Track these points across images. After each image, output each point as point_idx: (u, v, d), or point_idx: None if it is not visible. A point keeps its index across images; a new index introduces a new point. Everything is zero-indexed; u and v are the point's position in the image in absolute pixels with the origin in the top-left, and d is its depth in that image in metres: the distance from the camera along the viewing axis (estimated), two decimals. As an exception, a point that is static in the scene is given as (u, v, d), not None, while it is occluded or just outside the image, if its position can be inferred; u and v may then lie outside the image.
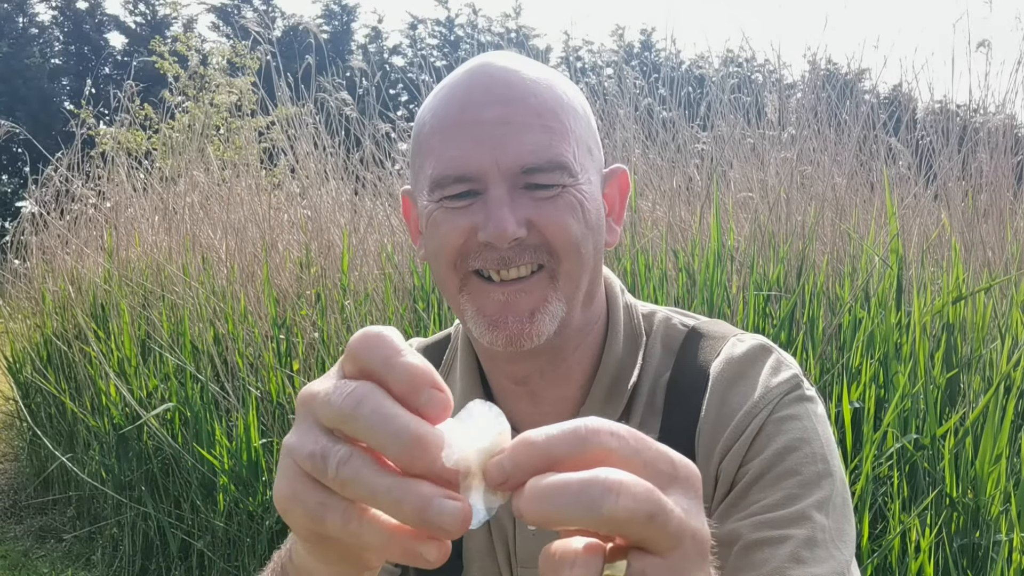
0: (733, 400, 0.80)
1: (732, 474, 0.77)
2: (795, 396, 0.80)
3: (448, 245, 0.78)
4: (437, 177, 0.78)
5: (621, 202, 0.89)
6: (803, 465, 0.75)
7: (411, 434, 0.38)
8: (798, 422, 0.78)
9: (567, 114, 0.79)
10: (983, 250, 2.94)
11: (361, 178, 4.09)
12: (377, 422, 0.38)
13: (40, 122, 11.30)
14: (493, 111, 0.76)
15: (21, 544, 3.73)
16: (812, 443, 0.77)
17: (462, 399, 0.87)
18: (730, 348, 0.84)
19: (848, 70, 4.45)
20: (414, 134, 0.84)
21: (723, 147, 3.64)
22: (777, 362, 0.83)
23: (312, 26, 10.92)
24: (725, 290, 2.66)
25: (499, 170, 0.76)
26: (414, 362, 0.40)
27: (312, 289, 3.30)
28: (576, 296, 0.80)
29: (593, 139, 0.83)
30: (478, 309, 0.79)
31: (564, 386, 0.85)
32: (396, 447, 0.38)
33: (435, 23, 22.77)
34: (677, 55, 5.22)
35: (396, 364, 0.40)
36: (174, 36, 6.55)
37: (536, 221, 0.76)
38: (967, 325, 2.48)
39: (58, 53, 17.48)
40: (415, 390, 0.39)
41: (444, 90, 0.81)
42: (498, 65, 0.80)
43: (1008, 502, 2.05)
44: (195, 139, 4.82)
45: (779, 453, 0.76)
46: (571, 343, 0.84)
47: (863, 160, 3.61)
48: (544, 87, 0.79)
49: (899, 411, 2.12)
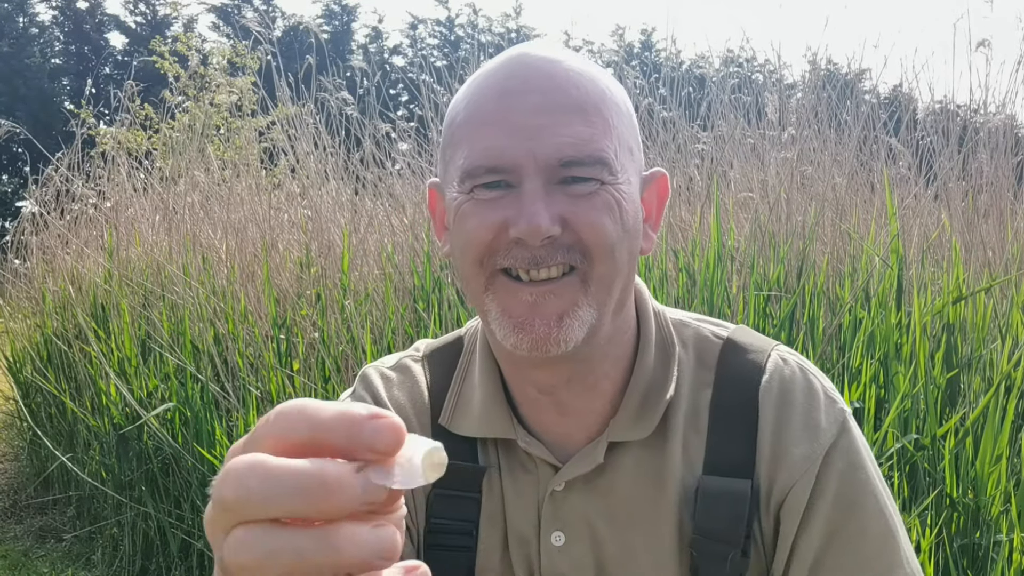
0: (787, 435, 0.78)
1: (795, 523, 0.77)
2: (844, 431, 0.79)
3: (476, 240, 0.74)
4: (469, 167, 0.73)
5: (659, 208, 0.84)
6: (873, 521, 0.76)
7: (311, 480, 0.33)
8: (853, 472, 0.78)
9: (610, 109, 0.75)
10: (983, 250, 2.94)
11: (361, 178, 4.09)
12: (268, 489, 0.33)
13: (40, 122, 11.30)
14: (532, 101, 0.72)
15: (21, 544, 3.73)
16: (875, 490, 0.78)
17: (482, 407, 0.84)
18: (774, 368, 0.82)
19: (848, 70, 4.45)
20: (446, 124, 0.80)
21: (723, 147, 3.64)
22: (821, 390, 0.81)
23: (312, 26, 10.91)
24: (725, 290, 2.65)
25: (535, 162, 0.71)
26: (340, 408, 0.35)
27: (312, 289, 3.30)
28: (608, 303, 0.76)
29: (635, 139, 0.79)
30: (504, 310, 0.74)
31: (592, 398, 0.81)
32: (298, 502, 0.33)
33: (435, 23, 22.77)
34: (677, 55, 5.22)
35: (323, 419, 0.35)
36: (174, 36, 6.55)
37: (571, 219, 0.72)
38: (967, 325, 2.48)
39: (58, 53, 17.48)
40: (354, 431, 0.34)
41: (480, 78, 0.77)
42: (539, 55, 0.75)
43: (1008, 502, 2.05)
44: (195, 139, 4.82)
45: (845, 508, 0.76)
46: (600, 352, 0.79)
47: (863, 160, 3.61)
48: (587, 79, 0.74)
49: (899, 411, 2.12)
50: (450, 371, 0.89)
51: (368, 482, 0.35)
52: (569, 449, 0.82)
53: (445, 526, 0.82)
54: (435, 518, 0.82)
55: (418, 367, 0.91)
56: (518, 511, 0.82)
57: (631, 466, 0.80)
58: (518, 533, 0.82)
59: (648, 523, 0.79)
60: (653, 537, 0.79)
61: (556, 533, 0.81)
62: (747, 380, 0.81)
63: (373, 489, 0.35)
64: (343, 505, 0.34)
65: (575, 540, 0.80)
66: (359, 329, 2.96)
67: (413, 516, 0.83)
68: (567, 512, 0.81)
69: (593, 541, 0.80)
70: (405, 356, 0.93)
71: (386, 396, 0.87)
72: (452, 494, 0.82)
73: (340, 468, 0.34)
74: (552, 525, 0.81)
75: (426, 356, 0.92)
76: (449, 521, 0.82)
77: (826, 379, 0.84)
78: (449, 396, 0.87)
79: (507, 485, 0.83)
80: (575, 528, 0.80)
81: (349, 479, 0.34)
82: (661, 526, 0.79)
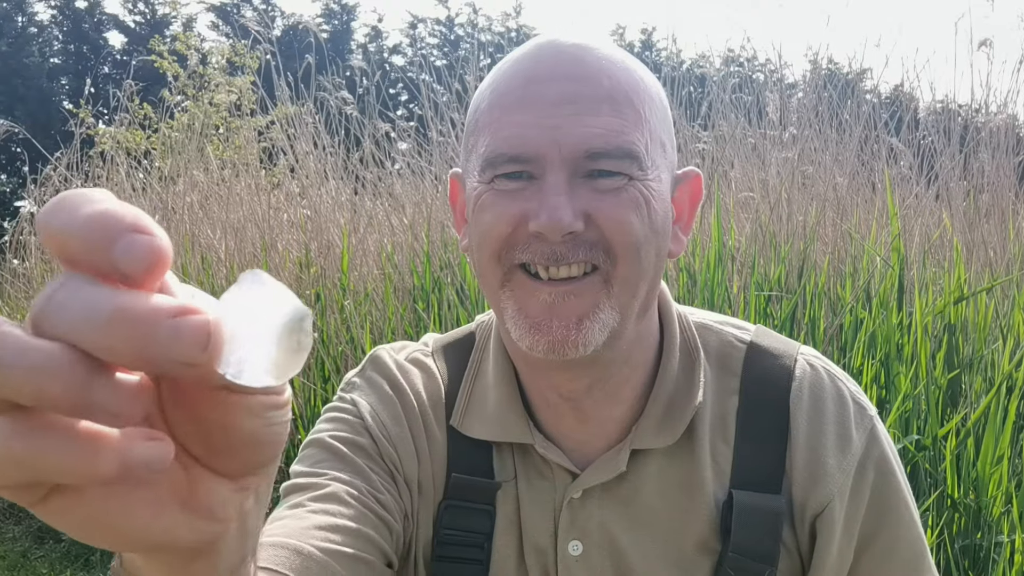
0: (822, 447, 0.76)
1: (832, 534, 0.76)
2: (874, 440, 0.79)
3: (494, 233, 0.70)
4: (490, 156, 0.70)
5: (691, 209, 0.79)
6: (906, 530, 0.78)
7: (110, 310, 0.27)
8: (884, 479, 0.78)
9: (643, 101, 0.70)
10: (985, 250, 2.93)
11: (361, 178, 4.08)
12: (57, 316, 0.27)
13: (39, 121, 11.29)
14: (559, 88, 0.68)
15: (20, 544, 3.72)
16: (905, 497, 0.78)
17: (497, 410, 0.80)
18: (802, 374, 0.79)
19: (849, 69, 4.45)
20: (470, 111, 0.76)
21: (724, 147, 3.63)
22: (850, 396, 0.80)
23: (312, 25, 10.92)
24: (726, 290, 2.65)
25: (560, 153, 0.67)
26: (96, 209, 0.28)
27: (312, 289, 3.29)
28: (631, 305, 0.71)
29: (668, 134, 0.75)
30: (520, 308, 0.70)
31: (614, 404, 0.78)
32: (95, 334, 0.27)
33: (435, 22, 22.75)
34: (678, 55, 5.21)
35: (73, 224, 0.27)
36: (173, 35, 6.54)
37: (595, 215, 0.68)
38: (969, 326, 2.47)
39: (57, 52, 17.46)
40: (104, 241, 0.27)
41: (507, 64, 0.73)
42: (570, 41, 0.71)
43: (1010, 503, 2.04)
44: (194, 139, 4.81)
45: (880, 517, 0.77)
46: (622, 356, 0.76)
47: (864, 160, 3.60)
48: (620, 68, 0.70)
49: (900, 412, 2.11)
50: (461, 369, 0.84)
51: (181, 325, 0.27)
52: (587, 455, 0.79)
53: (455, 538, 0.78)
54: (445, 529, 0.79)
55: (431, 362, 0.86)
56: (534, 519, 0.79)
57: (654, 474, 0.77)
58: (534, 542, 0.79)
59: (673, 533, 0.77)
60: (677, 548, 0.77)
61: (574, 542, 0.78)
62: (775, 387, 0.78)
63: (191, 334, 0.27)
64: (144, 346, 0.27)
65: (593, 549, 0.78)
66: (358, 329, 2.95)
67: (415, 523, 0.79)
68: (585, 520, 0.78)
69: (612, 550, 0.78)
70: (416, 350, 0.88)
71: (405, 382, 0.83)
72: (464, 506, 0.79)
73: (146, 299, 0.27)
74: (569, 534, 0.78)
75: (436, 352, 0.87)
76: (460, 533, 0.78)
77: (852, 382, 0.82)
78: (460, 396, 0.82)
79: (523, 492, 0.79)
80: (593, 537, 0.78)
81: (155, 314, 0.27)
82: (687, 537, 0.77)
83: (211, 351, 0.28)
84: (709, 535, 0.76)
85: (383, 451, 0.78)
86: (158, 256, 0.28)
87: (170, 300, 0.28)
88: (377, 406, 0.80)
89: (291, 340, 0.28)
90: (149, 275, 0.28)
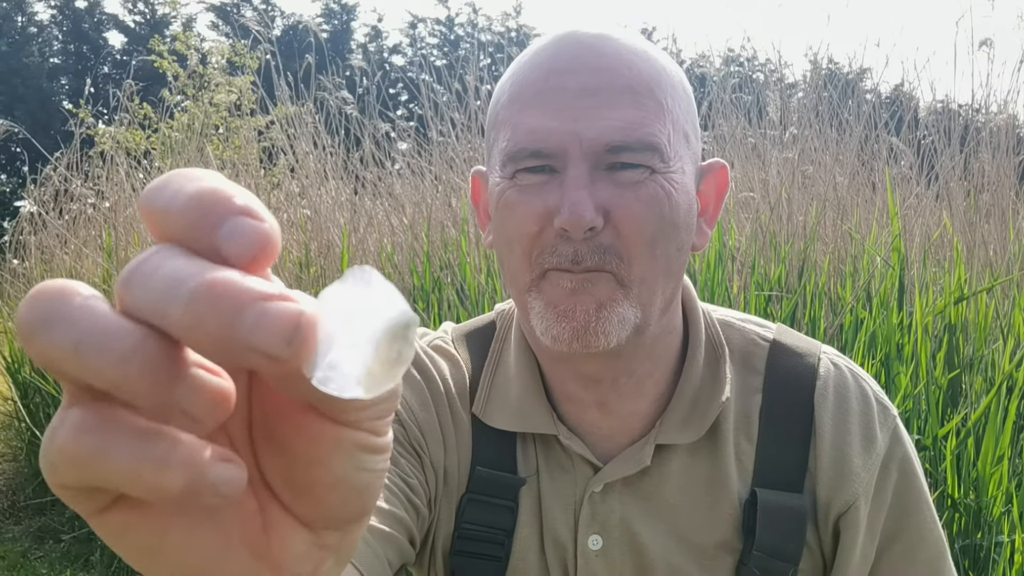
0: (847, 447, 0.77)
1: (855, 535, 0.76)
2: (897, 440, 0.79)
3: (522, 233, 0.70)
4: (511, 150, 0.69)
5: (717, 202, 0.78)
6: (928, 531, 0.79)
7: (196, 283, 0.24)
8: (907, 480, 0.79)
9: (665, 92, 0.70)
10: (985, 250, 2.93)
11: (361, 178, 4.08)
12: (141, 286, 0.25)
13: (39, 121, 11.29)
14: (580, 79, 0.68)
15: (19, 545, 3.72)
16: (927, 497, 0.80)
17: (519, 401, 0.80)
18: (826, 373, 0.79)
19: (850, 69, 4.45)
20: (491, 106, 0.76)
21: (724, 146, 3.63)
22: (873, 396, 0.81)
23: (312, 25, 10.91)
24: (726, 290, 2.65)
25: (581, 146, 0.67)
26: (204, 186, 0.26)
27: (312, 289, 3.29)
28: (653, 301, 0.71)
29: (692, 125, 0.74)
30: (548, 301, 0.70)
31: (637, 399, 0.78)
32: (176, 308, 0.24)
33: (435, 22, 22.75)
34: (678, 54, 5.21)
35: (176, 201, 0.25)
36: (173, 35, 6.53)
37: (613, 212, 0.67)
38: (969, 326, 2.47)
39: (57, 52, 17.45)
40: (208, 223, 0.25)
41: (527, 56, 0.73)
42: (590, 32, 0.71)
43: (1010, 503, 2.04)
44: (194, 138, 4.81)
45: (903, 518, 0.78)
46: (645, 351, 0.76)
47: (865, 160, 3.60)
48: (642, 59, 0.70)
49: (901, 412, 2.11)
50: (482, 358, 0.84)
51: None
52: (610, 450, 0.79)
53: (477, 533, 0.78)
54: (467, 523, 0.78)
55: (452, 350, 0.85)
56: (554, 513, 0.79)
57: (677, 471, 0.77)
58: (554, 535, 0.78)
59: (694, 530, 0.77)
60: (698, 545, 0.77)
61: (594, 536, 0.77)
62: (800, 386, 0.78)
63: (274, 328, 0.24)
64: (225, 328, 0.24)
65: (613, 544, 0.77)
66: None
67: (436, 512, 0.79)
68: (606, 515, 0.77)
69: (632, 545, 0.77)
70: (436, 338, 0.87)
71: (432, 368, 0.82)
72: (486, 501, 0.78)
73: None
74: (590, 528, 0.77)
75: (456, 339, 0.87)
76: (481, 528, 0.78)
77: (874, 382, 0.82)
78: (482, 384, 0.82)
79: (544, 486, 0.79)
80: (614, 532, 0.77)
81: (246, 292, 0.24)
82: (709, 534, 0.77)
83: (297, 346, 0.24)
84: (731, 533, 0.76)
85: (411, 435, 0.78)
86: (265, 243, 0.25)
87: (264, 283, 0.25)
88: (405, 391, 0.79)
89: (391, 349, 0.25)
90: (253, 263, 0.25)
